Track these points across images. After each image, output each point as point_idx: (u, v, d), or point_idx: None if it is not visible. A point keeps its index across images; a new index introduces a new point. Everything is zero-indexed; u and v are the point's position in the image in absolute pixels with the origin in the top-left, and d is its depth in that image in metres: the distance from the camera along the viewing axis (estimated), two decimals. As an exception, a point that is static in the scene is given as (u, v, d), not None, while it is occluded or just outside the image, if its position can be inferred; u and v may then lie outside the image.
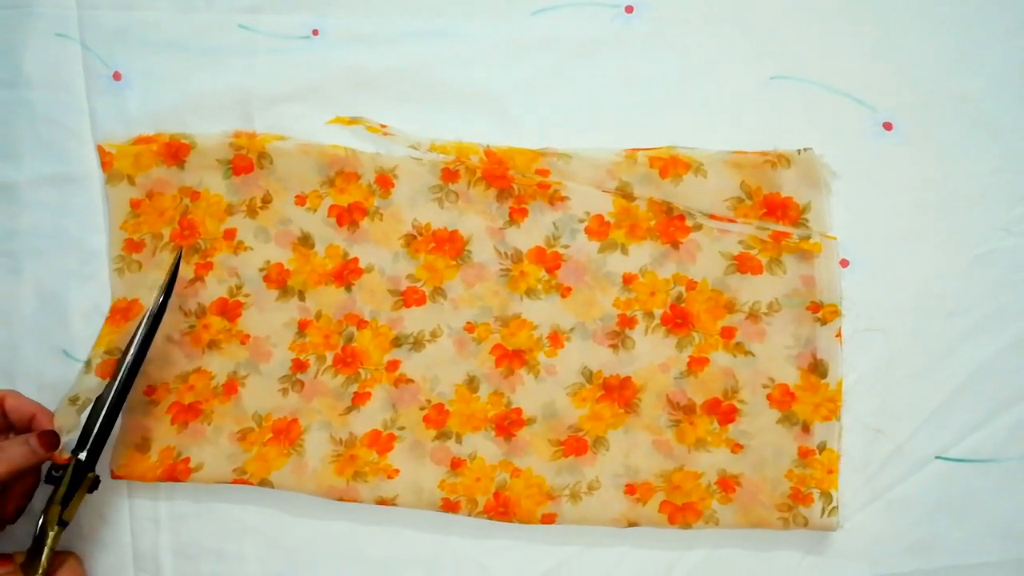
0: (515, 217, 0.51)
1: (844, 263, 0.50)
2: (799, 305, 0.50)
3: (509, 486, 0.50)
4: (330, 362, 0.52)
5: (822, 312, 0.49)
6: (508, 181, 0.51)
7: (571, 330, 0.51)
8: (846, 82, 0.51)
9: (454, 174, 0.52)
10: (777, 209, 0.50)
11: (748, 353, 0.50)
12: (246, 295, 0.52)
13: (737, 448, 0.50)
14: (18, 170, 0.54)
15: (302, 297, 0.52)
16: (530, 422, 0.51)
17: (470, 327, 0.51)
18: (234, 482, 0.50)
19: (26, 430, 0.48)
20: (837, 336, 0.49)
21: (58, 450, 0.47)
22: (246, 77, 0.53)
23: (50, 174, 0.54)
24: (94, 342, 0.51)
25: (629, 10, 0.52)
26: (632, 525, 0.49)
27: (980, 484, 0.49)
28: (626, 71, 0.52)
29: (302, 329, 0.52)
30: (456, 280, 0.52)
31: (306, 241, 0.52)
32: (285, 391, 0.52)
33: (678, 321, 0.51)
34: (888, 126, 0.51)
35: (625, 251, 0.51)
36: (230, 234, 0.52)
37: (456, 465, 0.50)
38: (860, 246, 0.50)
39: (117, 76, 0.54)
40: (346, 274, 0.52)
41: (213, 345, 0.52)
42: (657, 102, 0.52)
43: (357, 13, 0.54)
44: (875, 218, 0.50)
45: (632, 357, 0.51)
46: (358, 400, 0.51)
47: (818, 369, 0.49)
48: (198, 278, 0.52)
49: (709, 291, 0.50)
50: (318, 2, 0.54)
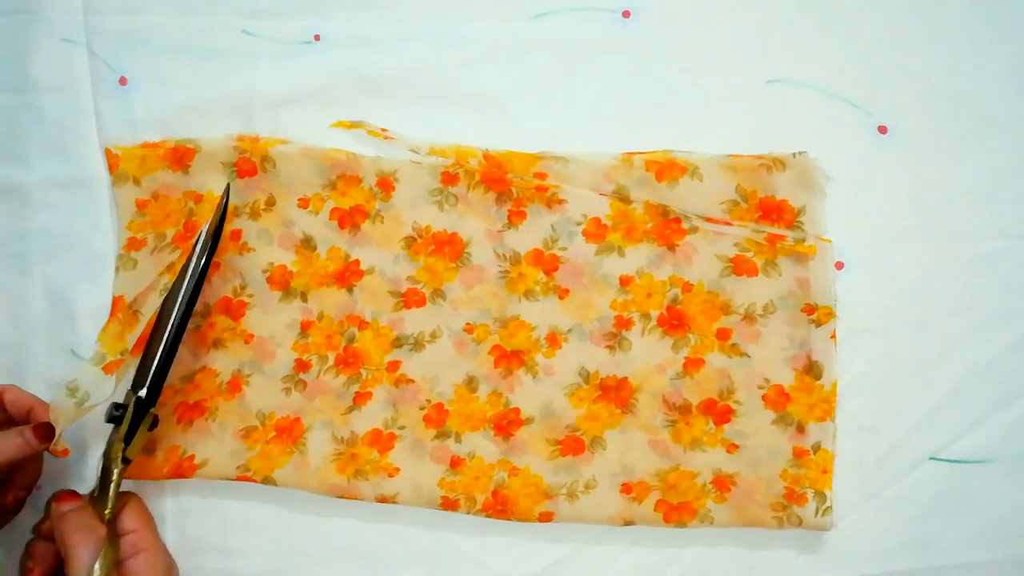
0: (513, 220, 0.52)
1: (839, 265, 0.51)
2: (794, 307, 0.50)
3: (507, 485, 0.51)
4: (332, 362, 0.52)
5: (817, 314, 0.50)
6: (507, 184, 0.52)
7: (569, 331, 0.52)
8: (842, 86, 0.51)
9: (454, 177, 0.52)
10: (772, 212, 0.50)
11: (743, 354, 0.50)
12: (250, 295, 0.53)
13: (732, 448, 0.50)
14: (27, 173, 0.55)
15: (304, 298, 0.53)
16: (528, 422, 0.51)
17: (469, 328, 0.52)
18: (237, 479, 0.51)
19: (26, 423, 0.49)
20: (832, 338, 0.50)
21: (53, 442, 0.47)
22: (249, 81, 0.54)
23: (58, 177, 0.55)
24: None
25: (626, 15, 0.53)
26: (628, 524, 0.50)
27: (974, 484, 0.50)
28: (624, 75, 0.53)
29: (304, 330, 0.53)
30: (456, 282, 0.52)
31: (308, 243, 0.53)
32: (288, 390, 0.53)
33: (674, 323, 0.51)
34: (883, 129, 0.51)
35: (622, 253, 0.51)
36: (236, 235, 0.53)
37: (455, 464, 0.51)
38: (855, 249, 0.51)
39: (123, 80, 0.55)
40: (348, 276, 0.53)
41: (218, 344, 0.53)
42: (654, 105, 0.53)
43: (358, 18, 0.54)
44: (870, 221, 0.51)
45: (629, 358, 0.51)
46: (359, 400, 0.52)
47: (813, 370, 0.50)
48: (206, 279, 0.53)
49: (705, 293, 0.51)
50: (320, 7, 0.54)
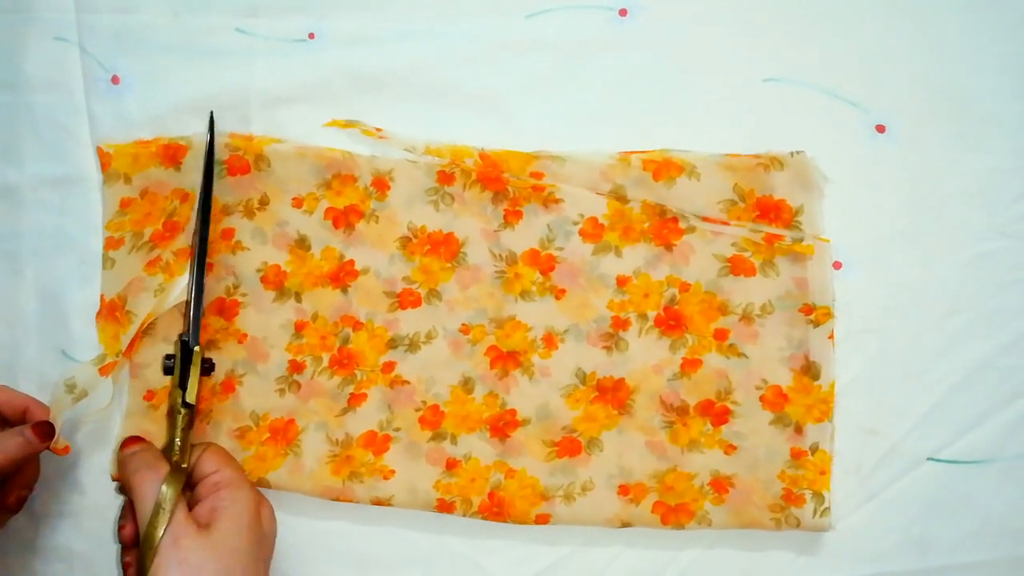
0: (510, 219, 0.52)
1: (837, 265, 0.50)
2: (792, 307, 0.50)
3: (503, 487, 0.50)
4: (326, 363, 0.52)
5: (815, 314, 0.50)
6: (503, 184, 0.52)
7: (565, 332, 0.51)
8: (839, 84, 0.51)
9: (450, 176, 0.52)
10: (770, 212, 0.50)
11: (741, 355, 0.50)
12: (243, 295, 0.53)
13: (730, 449, 0.50)
14: (19, 172, 0.54)
15: (298, 299, 0.52)
16: (524, 423, 0.51)
17: (465, 329, 0.52)
18: (232, 481, 0.51)
19: (20, 423, 0.49)
20: (830, 338, 0.50)
21: (54, 440, 0.47)
22: (244, 80, 0.54)
23: (50, 176, 0.54)
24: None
25: (623, 13, 0.53)
26: (625, 526, 0.50)
27: (973, 485, 0.50)
28: (620, 73, 0.52)
29: (299, 331, 0.52)
30: (451, 282, 0.52)
31: (302, 243, 0.52)
32: (282, 392, 0.52)
33: (671, 323, 0.51)
34: (881, 128, 0.51)
35: (619, 253, 0.51)
36: (228, 234, 0.52)
37: (451, 466, 0.51)
38: (853, 248, 0.50)
39: (115, 79, 0.54)
40: (342, 276, 0.52)
41: (211, 345, 0.52)
42: (651, 104, 0.52)
43: (354, 16, 0.54)
44: (868, 220, 0.51)
45: (626, 359, 0.51)
46: (354, 401, 0.52)
47: (811, 371, 0.50)
48: (198, 279, 0.53)
49: (702, 293, 0.51)
50: (315, 5, 0.54)
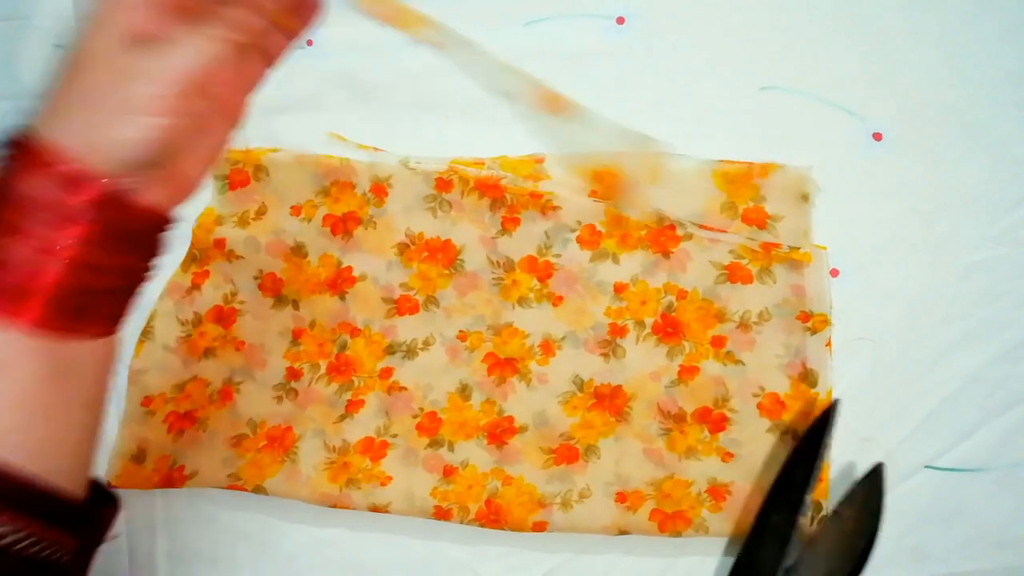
0: (507, 226, 0.52)
1: (834, 273, 0.50)
2: (789, 314, 0.50)
3: (500, 494, 0.50)
4: (324, 370, 0.52)
5: (812, 321, 0.50)
6: (501, 191, 0.52)
7: (563, 339, 0.51)
8: (836, 93, 0.51)
9: (448, 183, 0.52)
10: (755, 222, 0.50)
11: (738, 362, 0.50)
12: (241, 302, 0.53)
13: (728, 456, 0.50)
14: (17, 179, 0.54)
15: (296, 306, 0.52)
16: (522, 430, 0.51)
17: (462, 335, 0.52)
18: (228, 487, 0.51)
19: None
20: (827, 345, 0.50)
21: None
22: (242, 87, 0.54)
23: (48, 183, 0.54)
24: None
25: (620, 21, 0.53)
26: (623, 533, 0.50)
27: (969, 493, 0.50)
28: (617, 82, 0.53)
29: (296, 338, 0.52)
30: (449, 289, 0.52)
31: (299, 251, 0.52)
32: (279, 399, 0.52)
33: (669, 330, 0.51)
34: (878, 136, 0.51)
35: (616, 260, 0.51)
36: (220, 244, 0.52)
37: (448, 473, 0.51)
38: (850, 256, 0.51)
39: (114, 86, 0.54)
40: (340, 283, 0.52)
41: (209, 353, 0.52)
42: (648, 112, 0.52)
43: (351, 23, 0.53)
44: (865, 228, 0.51)
45: (623, 366, 0.51)
46: (351, 408, 0.52)
47: (808, 378, 0.50)
48: (195, 287, 0.53)
49: (699, 300, 0.51)
50: (313, 13, 0.54)
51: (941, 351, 0.50)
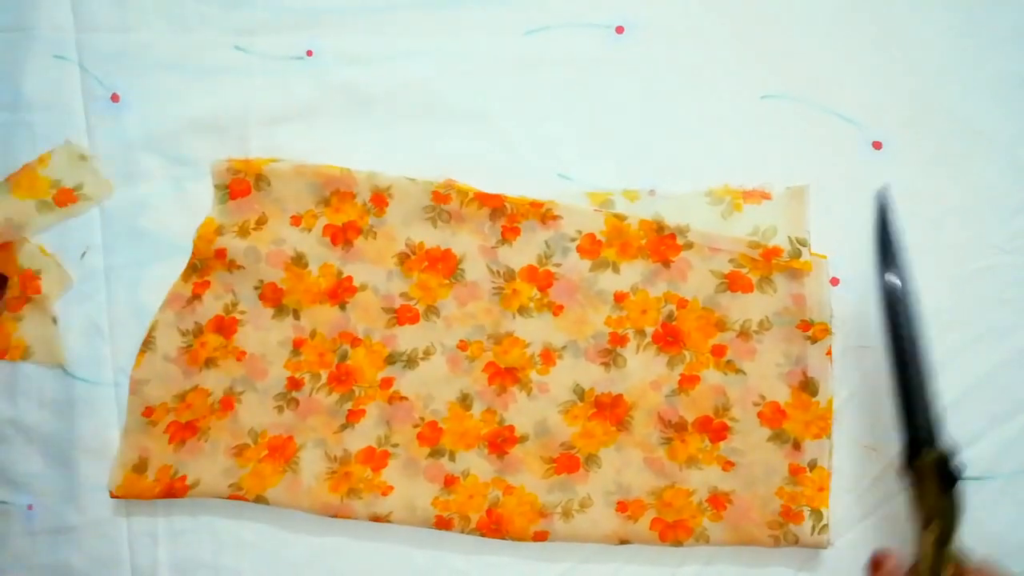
0: (507, 236, 0.52)
1: (834, 281, 0.50)
2: (789, 323, 0.50)
3: (502, 503, 0.50)
4: (325, 380, 0.52)
5: (812, 330, 0.50)
6: (500, 200, 0.52)
7: (563, 348, 0.51)
8: (836, 101, 0.51)
9: (445, 196, 0.52)
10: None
11: (739, 371, 0.50)
12: (241, 312, 0.53)
13: (728, 466, 0.50)
14: (18, 190, 0.55)
15: (297, 316, 0.52)
16: (523, 440, 0.51)
17: (463, 345, 0.52)
18: (230, 497, 0.51)
19: None
20: (827, 354, 0.50)
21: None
22: (242, 97, 0.54)
23: (50, 194, 0.54)
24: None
25: (619, 31, 0.53)
26: (624, 542, 0.50)
27: (971, 501, 0.49)
28: (617, 90, 0.53)
29: (297, 347, 0.52)
30: (449, 298, 0.52)
31: (299, 261, 0.52)
32: (280, 408, 0.52)
33: (669, 339, 0.51)
34: (878, 145, 0.51)
35: (616, 269, 0.51)
36: (221, 254, 0.52)
37: (449, 482, 0.51)
38: (850, 264, 0.50)
39: (115, 97, 0.54)
40: (340, 292, 0.52)
41: (210, 363, 0.52)
42: (648, 120, 0.53)
43: (350, 33, 0.54)
44: (865, 237, 0.50)
45: (624, 375, 0.51)
46: (352, 417, 0.52)
47: (809, 387, 0.50)
48: (196, 297, 0.53)
49: (700, 309, 0.51)
50: (312, 23, 0.54)
51: (943, 359, 0.50)
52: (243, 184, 0.53)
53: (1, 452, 0.53)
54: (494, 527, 0.50)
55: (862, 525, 0.50)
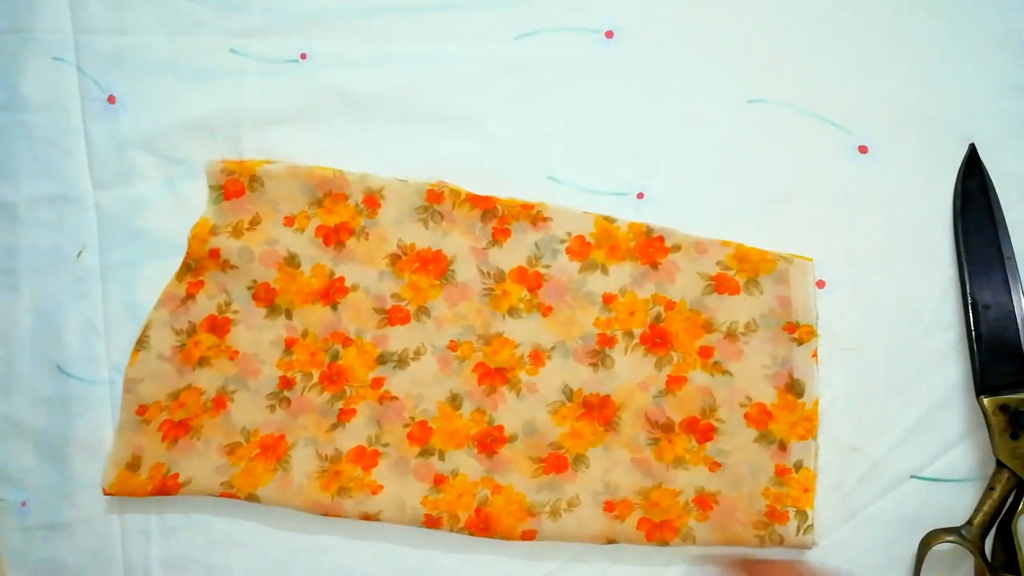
0: (498, 237, 0.52)
1: (820, 284, 0.51)
2: (776, 325, 0.50)
3: (490, 503, 0.51)
4: (316, 379, 0.53)
5: (798, 332, 0.50)
6: (492, 202, 0.52)
7: (552, 349, 0.52)
8: (822, 105, 0.52)
9: (439, 195, 0.53)
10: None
11: (725, 372, 0.51)
12: (235, 311, 0.53)
13: (715, 466, 0.50)
14: (16, 190, 0.55)
15: (289, 315, 0.53)
16: (512, 439, 0.52)
17: (453, 345, 0.52)
18: (222, 495, 0.51)
19: None
20: (813, 356, 0.50)
21: None
22: (237, 100, 0.55)
23: (46, 194, 0.55)
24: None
25: (609, 35, 0.53)
26: (611, 542, 0.50)
27: (954, 503, 0.50)
28: (606, 94, 0.53)
29: (289, 347, 0.53)
30: (440, 299, 0.53)
31: (292, 261, 0.53)
32: (272, 407, 0.53)
33: (657, 340, 0.51)
34: (863, 149, 0.52)
35: (605, 271, 0.52)
36: (215, 254, 0.53)
37: (439, 481, 0.51)
38: (836, 267, 0.51)
39: (111, 99, 0.55)
40: (332, 293, 0.53)
41: (203, 362, 0.53)
42: (637, 124, 0.53)
43: (345, 37, 0.55)
44: (851, 240, 0.51)
45: (612, 376, 0.51)
46: (343, 417, 0.52)
47: (795, 388, 0.50)
48: (190, 296, 0.53)
49: (687, 311, 0.51)
50: (306, 26, 0.55)
51: (927, 361, 0.51)
52: (237, 185, 0.53)
53: (-4, 449, 0.53)
54: (482, 526, 0.51)
55: (847, 526, 0.50)
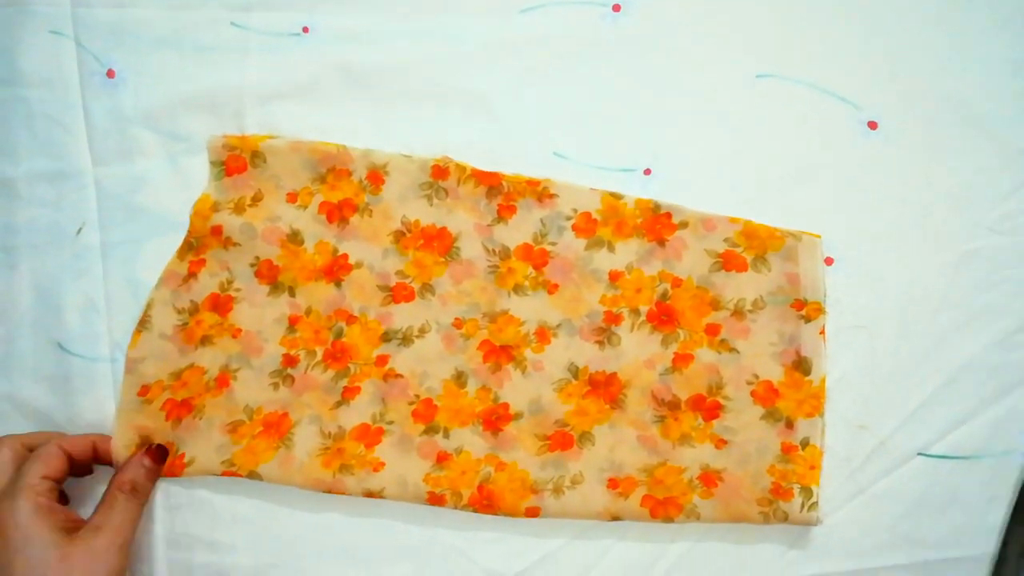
0: (503, 214, 0.52)
1: (828, 261, 0.51)
2: (783, 303, 0.50)
3: (493, 479, 0.51)
4: (320, 357, 0.52)
5: (806, 310, 0.50)
6: (497, 179, 0.52)
7: (558, 326, 0.52)
8: (831, 81, 0.51)
9: (444, 171, 0.52)
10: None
11: (732, 350, 0.50)
12: (237, 289, 0.53)
13: (721, 444, 0.50)
14: (14, 166, 0.54)
15: (292, 293, 0.53)
16: (517, 417, 0.51)
17: (458, 323, 0.52)
18: (223, 474, 0.51)
19: (90, 461, 0.51)
20: (821, 333, 0.50)
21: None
22: (238, 74, 0.54)
23: (45, 170, 0.54)
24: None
25: (616, 8, 0.53)
26: (615, 519, 0.50)
27: (961, 480, 0.50)
28: (613, 69, 0.53)
29: (292, 324, 0.53)
30: (444, 276, 0.52)
31: (295, 238, 0.53)
32: (276, 385, 0.52)
33: (663, 318, 0.51)
34: (873, 125, 0.51)
35: (612, 248, 0.51)
36: (217, 231, 0.52)
37: (442, 459, 0.51)
38: (844, 244, 0.51)
39: (111, 73, 0.54)
40: (336, 270, 0.53)
41: (206, 340, 0.53)
42: (644, 99, 0.53)
43: (347, 10, 0.54)
44: (859, 216, 0.51)
45: (618, 353, 0.51)
46: (348, 394, 0.52)
47: (802, 366, 0.50)
48: (191, 275, 0.53)
49: (694, 288, 0.51)
50: (308, 0, 0.54)
51: (935, 339, 0.50)
52: (239, 160, 0.53)
53: (-3, 427, 0.53)
54: (486, 503, 0.50)
55: (853, 503, 0.50)
